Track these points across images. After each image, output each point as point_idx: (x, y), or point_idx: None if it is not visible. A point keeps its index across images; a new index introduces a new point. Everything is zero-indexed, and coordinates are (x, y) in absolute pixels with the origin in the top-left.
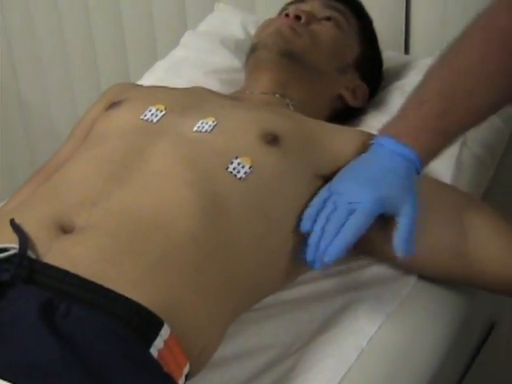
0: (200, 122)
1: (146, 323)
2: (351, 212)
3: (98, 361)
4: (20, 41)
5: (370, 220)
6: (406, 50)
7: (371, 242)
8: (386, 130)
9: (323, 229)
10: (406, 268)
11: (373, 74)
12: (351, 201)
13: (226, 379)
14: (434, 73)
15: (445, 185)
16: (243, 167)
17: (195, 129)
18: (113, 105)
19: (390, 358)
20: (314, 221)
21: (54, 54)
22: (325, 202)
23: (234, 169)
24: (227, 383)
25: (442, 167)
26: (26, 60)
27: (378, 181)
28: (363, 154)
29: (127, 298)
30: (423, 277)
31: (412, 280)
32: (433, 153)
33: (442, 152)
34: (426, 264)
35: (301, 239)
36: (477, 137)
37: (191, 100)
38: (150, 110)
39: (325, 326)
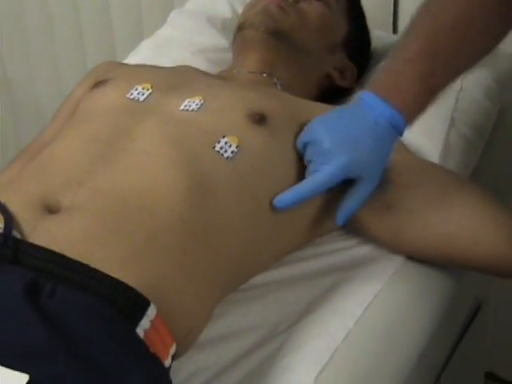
0: (187, 100)
1: (133, 303)
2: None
3: (84, 342)
4: (5, 19)
5: (330, 184)
6: (395, 29)
7: (359, 223)
8: (374, 88)
9: None
10: (393, 248)
11: (361, 54)
12: (322, 161)
13: (213, 359)
14: (419, 27)
15: (432, 164)
16: (230, 146)
17: (182, 108)
18: (98, 84)
19: (378, 338)
20: None
21: (39, 32)
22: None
23: (221, 148)
24: (214, 364)
25: (430, 147)
26: (11, 38)
27: (355, 144)
28: (352, 106)
29: (113, 279)
30: (411, 257)
31: (400, 260)
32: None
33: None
34: (412, 243)
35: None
36: (465, 117)
37: (178, 79)
38: (137, 89)
39: (312, 307)
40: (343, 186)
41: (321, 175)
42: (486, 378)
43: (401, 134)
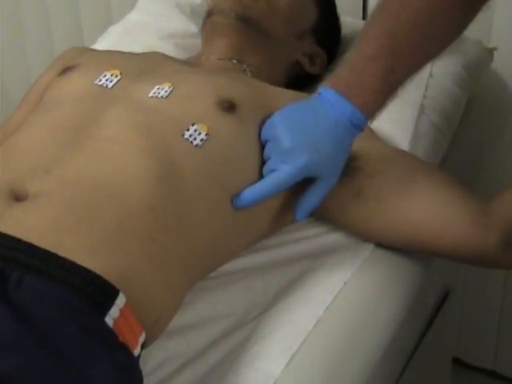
0: (156, 87)
1: (101, 292)
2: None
3: (52, 332)
4: None
5: (289, 183)
6: (364, 15)
7: (327, 212)
8: (336, 85)
9: None
10: (363, 235)
11: (331, 40)
12: (282, 160)
13: (183, 348)
14: (380, 23)
15: (401, 152)
16: (199, 134)
17: (151, 95)
18: (66, 70)
19: (348, 325)
20: None
21: (6, 18)
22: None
23: (190, 136)
24: (183, 352)
25: (400, 135)
26: None
27: (315, 144)
28: (313, 102)
29: (82, 267)
30: (380, 244)
31: (369, 247)
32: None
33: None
34: (381, 231)
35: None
36: (434, 104)
37: (147, 65)
38: (105, 76)
39: (281, 295)
40: (304, 180)
41: (280, 174)
42: (452, 364)
43: (361, 130)
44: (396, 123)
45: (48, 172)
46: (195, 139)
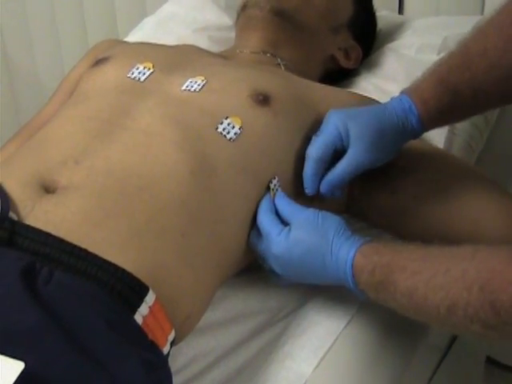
0: (189, 81)
1: (131, 289)
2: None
3: (80, 329)
4: None
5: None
6: (400, 10)
7: (362, 208)
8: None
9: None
10: (396, 233)
11: (366, 35)
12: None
13: (212, 345)
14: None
15: (437, 149)
16: (233, 128)
17: (184, 88)
18: (98, 62)
19: (380, 325)
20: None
21: (40, 10)
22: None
23: (223, 129)
24: (213, 349)
25: (435, 132)
26: (11, 16)
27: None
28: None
29: (111, 264)
30: None
31: None
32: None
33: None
34: (414, 228)
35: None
36: None
37: (180, 58)
38: (138, 68)
39: (313, 292)
40: None
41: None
42: (486, 363)
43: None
44: None
45: (78, 163)
46: (229, 133)
